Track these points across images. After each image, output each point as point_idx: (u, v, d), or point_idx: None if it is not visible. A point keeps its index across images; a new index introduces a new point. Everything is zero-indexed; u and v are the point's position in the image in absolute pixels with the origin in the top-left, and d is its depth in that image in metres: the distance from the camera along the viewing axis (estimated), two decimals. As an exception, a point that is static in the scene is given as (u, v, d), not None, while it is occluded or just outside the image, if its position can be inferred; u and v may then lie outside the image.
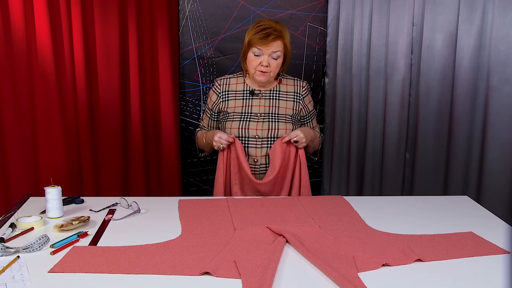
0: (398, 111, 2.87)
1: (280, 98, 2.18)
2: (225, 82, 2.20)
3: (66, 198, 1.90)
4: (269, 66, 2.06)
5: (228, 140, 2.06)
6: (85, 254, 1.42)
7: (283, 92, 2.19)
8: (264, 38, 2.02)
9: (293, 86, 2.21)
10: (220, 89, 2.19)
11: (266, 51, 2.04)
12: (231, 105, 2.16)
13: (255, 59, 2.07)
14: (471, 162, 2.83)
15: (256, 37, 2.03)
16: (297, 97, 2.20)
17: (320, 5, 2.85)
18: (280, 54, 2.07)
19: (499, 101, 2.72)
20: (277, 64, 2.08)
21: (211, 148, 2.18)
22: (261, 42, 2.02)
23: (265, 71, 2.07)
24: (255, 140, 2.11)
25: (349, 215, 1.79)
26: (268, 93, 2.18)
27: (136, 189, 2.86)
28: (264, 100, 2.17)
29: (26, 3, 2.54)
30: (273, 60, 2.06)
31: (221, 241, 1.52)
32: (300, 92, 2.21)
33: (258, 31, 2.04)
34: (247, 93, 2.17)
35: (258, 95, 2.17)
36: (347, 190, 2.99)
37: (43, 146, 2.68)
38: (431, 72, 2.81)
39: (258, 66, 2.07)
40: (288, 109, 2.18)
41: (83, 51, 2.65)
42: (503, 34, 2.68)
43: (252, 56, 2.07)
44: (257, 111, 2.15)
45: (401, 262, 1.39)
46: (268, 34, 2.02)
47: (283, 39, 2.07)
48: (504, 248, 1.50)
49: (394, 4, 2.78)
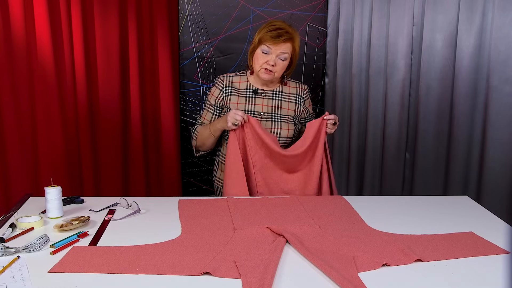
0: (398, 111, 2.87)
1: (282, 99, 2.19)
2: (227, 79, 2.20)
3: (66, 198, 1.90)
4: (275, 66, 2.07)
5: (243, 116, 2.00)
6: (85, 254, 1.42)
7: (286, 93, 2.20)
8: (275, 37, 2.03)
9: (295, 88, 2.23)
10: (223, 84, 2.18)
11: (274, 51, 2.05)
12: (234, 100, 2.16)
13: (262, 57, 2.07)
14: (471, 162, 2.83)
15: (268, 35, 2.04)
16: (299, 99, 2.22)
17: (320, 5, 2.85)
18: (287, 56, 2.08)
19: (499, 101, 2.72)
20: (283, 65, 2.09)
21: (214, 140, 2.14)
22: (271, 40, 2.04)
23: (270, 69, 2.07)
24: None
25: (349, 215, 1.79)
26: (271, 93, 2.18)
27: (136, 189, 2.86)
28: (267, 100, 2.17)
29: (26, 3, 2.54)
30: (280, 60, 2.07)
31: (221, 241, 1.52)
32: (302, 95, 2.23)
33: (271, 30, 2.05)
34: (250, 92, 2.17)
35: (262, 94, 2.17)
36: (347, 190, 2.99)
37: (43, 146, 2.68)
38: (431, 72, 2.81)
39: (264, 64, 2.07)
40: (290, 110, 2.19)
41: (83, 51, 2.65)
42: (503, 34, 2.68)
43: (260, 53, 2.07)
44: (260, 110, 2.15)
45: (401, 262, 1.39)
46: (280, 34, 2.04)
47: (293, 42, 2.08)
48: (504, 248, 1.50)
49: (394, 4, 2.78)
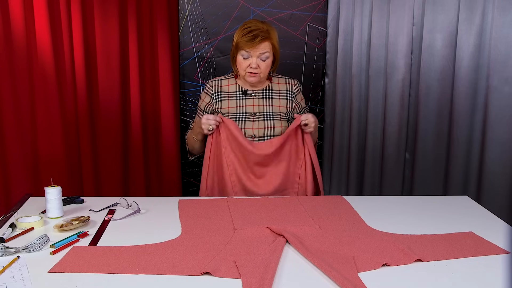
0: (398, 111, 2.87)
1: (273, 97, 2.18)
2: (216, 84, 2.20)
3: (66, 198, 1.90)
4: (258, 68, 2.06)
5: (215, 119, 2.03)
6: (85, 254, 1.42)
7: (276, 90, 2.20)
8: (251, 40, 2.01)
9: (285, 85, 2.22)
10: (212, 90, 2.19)
11: (254, 53, 2.04)
12: (225, 105, 2.16)
13: (244, 62, 2.06)
14: (471, 162, 2.83)
15: (243, 40, 2.02)
16: (290, 95, 2.21)
17: (320, 5, 2.85)
18: (268, 54, 2.07)
19: (499, 101, 2.72)
20: (267, 65, 2.08)
21: (202, 144, 2.16)
22: (248, 45, 2.02)
23: (255, 72, 2.07)
24: (252, 139, 2.10)
25: (349, 215, 1.79)
26: (261, 92, 2.18)
27: (136, 189, 2.86)
28: (257, 100, 2.17)
29: (26, 3, 2.54)
30: (261, 61, 2.06)
31: (221, 241, 1.52)
32: (292, 90, 2.22)
33: (244, 34, 2.03)
34: (240, 94, 2.17)
35: (251, 95, 2.17)
36: (347, 190, 2.99)
37: (43, 146, 2.68)
38: (431, 72, 2.81)
39: (248, 68, 2.07)
40: (281, 107, 2.18)
41: (83, 51, 2.65)
42: (503, 34, 2.68)
43: (241, 58, 2.07)
44: (252, 111, 2.14)
45: (401, 262, 1.39)
46: (255, 36, 2.02)
47: (270, 39, 2.06)
48: (504, 248, 1.50)
49: (394, 4, 2.78)
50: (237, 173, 2.07)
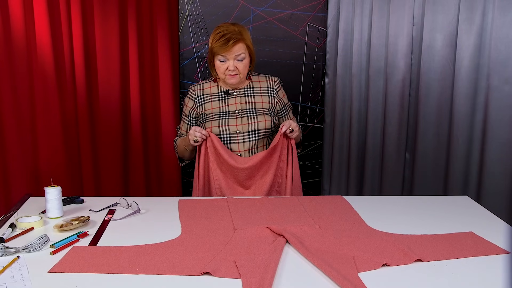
0: (398, 111, 2.87)
1: (255, 94, 2.21)
2: (199, 88, 2.23)
3: (66, 198, 1.90)
4: (236, 69, 2.10)
5: (201, 132, 2.06)
6: (85, 254, 1.42)
7: (257, 88, 2.23)
8: (224, 44, 2.04)
9: (265, 82, 2.25)
10: (195, 94, 2.22)
11: (230, 56, 2.08)
12: (208, 107, 2.19)
13: (222, 65, 2.10)
14: (471, 162, 2.83)
15: (217, 45, 2.06)
16: (271, 92, 2.23)
17: (320, 5, 2.85)
18: (244, 55, 2.10)
19: (499, 101, 2.72)
20: (244, 65, 2.12)
21: (192, 152, 2.19)
22: (222, 49, 2.05)
23: (233, 74, 2.10)
24: (236, 135, 2.13)
25: (349, 215, 1.79)
26: (243, 91, 2.21)
27: (136, 189, 2.86)
28: (240, 98, 2.20)
29: (26, 3, 2.54)
30: (239, 62, 2.10)
31: (221, 241, 1.52)
32: (273, 87, 2.24)
33: (217, 39, 2.06)
34: (222, 94, 2.20)
35: (233, 94, 2.20)
36: (347, 190, 2.99)
37: (43, 146, 2.68)
38: (431, 72, 2.81)
39: (226, 71, 2.11)
40: (264, 103, 2.21)
41: (83, 51, 2.66)
42: (503, 34, 2.68)
43: (218, 63, 2.11)
44: (235, 109, 2.17)
45: (401, 262, 1.39)
46: (228, 39, 2.05)
47: (244, 40, 2.09)
48: (504, 248, 1.50)
49: (394, 4, 2.78)
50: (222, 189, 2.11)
